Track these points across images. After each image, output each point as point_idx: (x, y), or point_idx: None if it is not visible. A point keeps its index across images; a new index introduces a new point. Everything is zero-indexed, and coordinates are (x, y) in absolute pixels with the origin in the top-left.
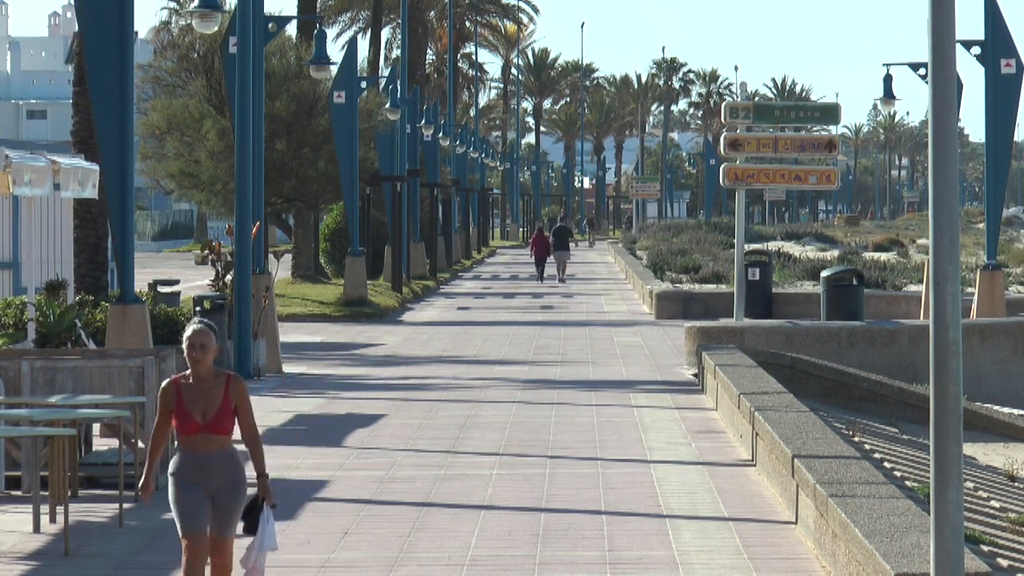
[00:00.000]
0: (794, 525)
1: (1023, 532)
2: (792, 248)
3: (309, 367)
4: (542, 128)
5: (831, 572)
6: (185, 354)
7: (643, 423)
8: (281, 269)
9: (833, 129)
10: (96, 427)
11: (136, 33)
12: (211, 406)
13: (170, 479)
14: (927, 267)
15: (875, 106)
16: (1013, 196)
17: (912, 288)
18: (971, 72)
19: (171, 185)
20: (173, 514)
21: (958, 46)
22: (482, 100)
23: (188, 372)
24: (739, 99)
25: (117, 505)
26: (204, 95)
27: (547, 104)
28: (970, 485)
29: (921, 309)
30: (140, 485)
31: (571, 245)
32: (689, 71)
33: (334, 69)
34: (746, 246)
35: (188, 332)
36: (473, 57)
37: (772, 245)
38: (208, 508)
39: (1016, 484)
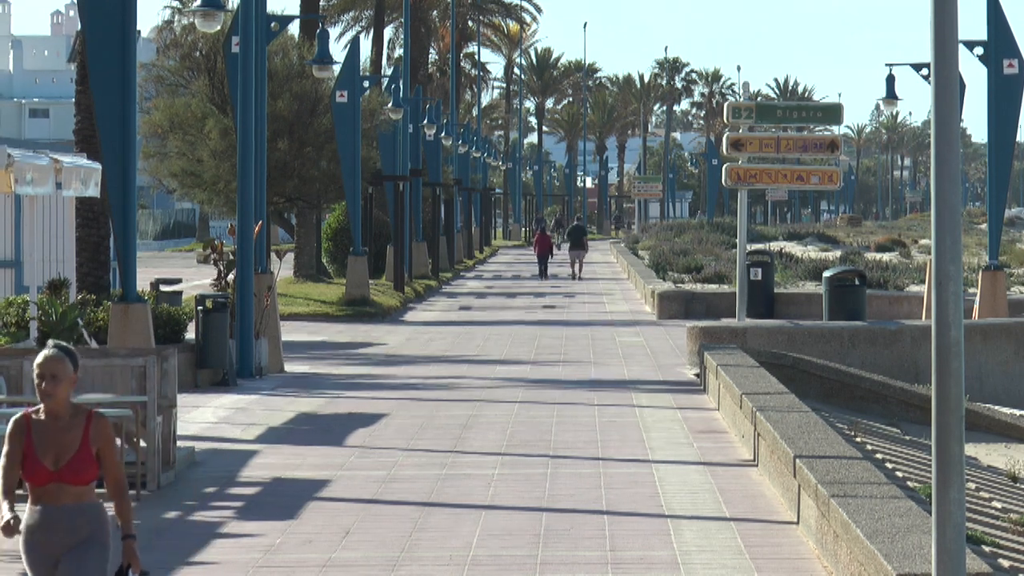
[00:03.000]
0: (796, 525)
1: None
2: (794, 248)
3: (311, 366)
4: (544, 128)
5: (833, 572)
6: (35, 385)
7: (645, 423)
8: (283, 268)
9: (835, 129)
10: None
11: (138, 32)
12: (65, 450)
13: (20, 536)
14: (929, 267)
15: (877, 106)
16: (1015, 197)
17: (914, 288)
18: (974, 72)
19: (173, 184)
20: None
21: (961, 46)
22: (484, 100)
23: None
24: (741, 99)
25: None
26: (206, 94)
27: (549, 104)
28: (972, 486)
29: (923, 309)
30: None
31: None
32: (691, 71)
33: (336, 68)
34: (748, 246)
35: (38, 359)
36: (476, 57)
37: (774, 245)
38: None
39: (1018, 485)
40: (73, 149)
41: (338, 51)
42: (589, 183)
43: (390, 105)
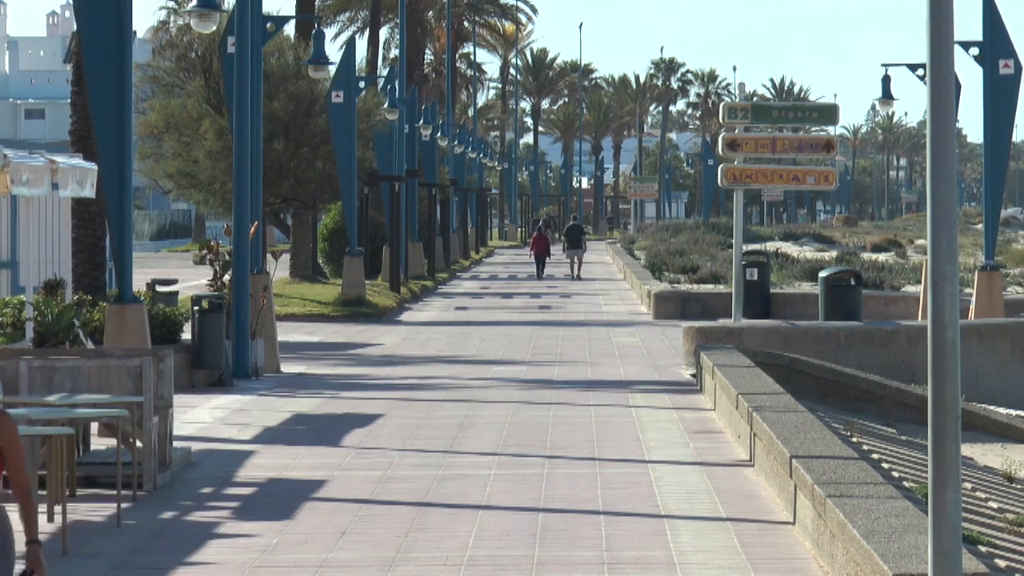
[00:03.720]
0: (792, 525)
1: (1021, 533)
2: (790, 248)
3: (307, 367)
4: (540, 128)
5: (829, 572)
6: None
7: (641, 423)
8: (279, 269)
9: (831, 129)
10: (94, 426)
11: (134, 33)
12: None
13: None
14: (925, 267)
15: (873, 106)
16: (1011, 197)
17: (910, 289)
18: (969, 73)
19: (169, 185)
20: None
21: (956, 47)
22: (480, 100)
23: None
24: (737, 99)
25: (115, 505)
26: (202, 95)
27: (545, 104)
28: (968, 486)
29: (919, 310)
30: None
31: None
32: (687, 71)
33: (332, 69)
34: (744, 246)
35: None
36: (471, 57)
37: (770, 245)
38: None
39: (1014, 485)
40: (69, 150)
41: (334, 52)
42: (585, 183)
43: (386, 105)
